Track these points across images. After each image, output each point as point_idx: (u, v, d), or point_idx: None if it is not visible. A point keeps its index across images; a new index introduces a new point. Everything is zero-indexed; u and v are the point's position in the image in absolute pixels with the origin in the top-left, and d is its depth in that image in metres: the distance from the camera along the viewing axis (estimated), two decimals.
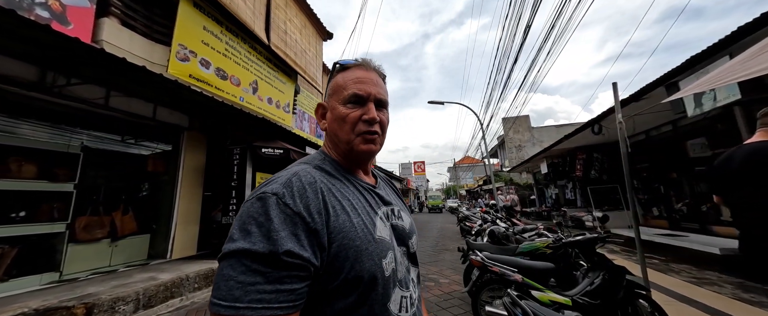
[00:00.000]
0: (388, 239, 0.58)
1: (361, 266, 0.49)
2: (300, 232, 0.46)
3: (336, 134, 0.63)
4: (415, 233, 0.72)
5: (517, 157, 20.85)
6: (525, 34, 6.07)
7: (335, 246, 0.49)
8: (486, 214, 6.42)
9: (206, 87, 4.41)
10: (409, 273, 0.64)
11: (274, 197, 0.48)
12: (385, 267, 0.53)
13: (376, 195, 0.65)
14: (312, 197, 0.50)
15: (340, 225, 0.51)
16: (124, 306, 2.85)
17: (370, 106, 0.61)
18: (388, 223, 0.63)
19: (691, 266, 4.37)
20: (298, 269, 0.44)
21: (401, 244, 0.65)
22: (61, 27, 2.86)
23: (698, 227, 5.44)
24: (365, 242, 0.52)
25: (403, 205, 0.76)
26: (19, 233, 3.03)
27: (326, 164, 0.63)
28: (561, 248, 2.67)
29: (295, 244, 0.44)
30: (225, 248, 0.44)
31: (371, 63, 0.67)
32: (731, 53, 2.97)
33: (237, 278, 0.41)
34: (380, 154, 6.82)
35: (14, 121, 3.08)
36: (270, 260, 0.42)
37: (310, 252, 0.46)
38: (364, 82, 0.62)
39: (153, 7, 4.16)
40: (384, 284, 0.53)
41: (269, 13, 6.06)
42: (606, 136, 6.24)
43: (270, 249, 0.42)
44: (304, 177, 0.53)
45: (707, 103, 3.23)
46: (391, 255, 0.56)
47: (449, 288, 3.86)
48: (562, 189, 11.73)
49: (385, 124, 0.64)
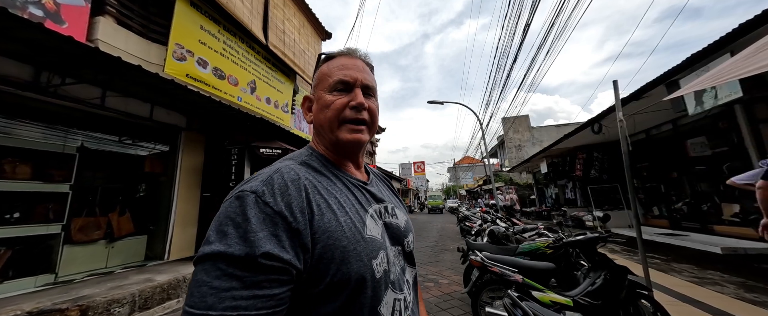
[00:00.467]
0: (379, 238, 0.55)
1: (347, 267, 0.46)
2: (281, 232, 0.43)
3: (321, 125, 0.60)
4: (411, 231, 0.69)
5: (516, 157, 20.84)
6: (524, 33, 6.05)
7: (320, 247, 0.46)
8: (486, 214, 6.39)
9: (204, 87, 4.37)
10: (404, 274, 0.61)
11: (252, 195, 0.45)
12: (375, 268, 0.50)
13: (367, 192, 0.62)
14: (294, 195, 0.47)
15: (325, 224, 0.48)
16: (120, 308, 2.82)
17: (357, 91, 0.58)
18: (381, 221, 0.59)
19: (692, 265, 4.34)
20: (277, 273, 0.41)
21: (396, 243, 0.61)
22: (55, 26, 2.83)
23: (699, 226, 5.42)
24: (353, 242, 0.49)
25: (399, 202, 0.73)
26: (13, 234, 2.99)
27: (313, 159, 0.60)
28: (562, 248, 2.64)
29: (274, 245, 0.41)
30: (200, 251, 0.41)
31: (357, 51, 0.65)
32: (733, 51, 2.94)
33: (211, 283, 0.38)
34: (380, 154, 6.67)
35: (8, 121, 3.04)
36: (247, 264, 0.39)
37: (292, 254, 0.42)
38: (350, 69, 0.59)
39: (149, 6, 4.13)
40: (374, 286, 0.50)
41: (267, 12, 6.02)
42: (606, 136, 6.21)
43: (246, 252, 0.39)
44: (286, 174, 0.50)
45: (708, 102, 3.20)
46: (382, 255, 0.53)
47: (449, 289, 3.83)
48: (562, 189, 11.70)
49: (375, 113, 0.61)
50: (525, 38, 6.13)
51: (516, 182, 20.82)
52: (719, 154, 4.95)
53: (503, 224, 4.71)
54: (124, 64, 2.73)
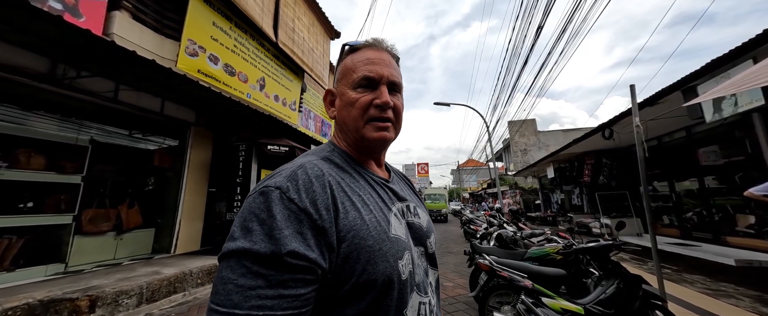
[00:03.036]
0: (404, 238, 0.53)
1: (374, 268, 0.44)
2: (306, 230, 0.41)
3: (345, 122, 0.58)
4: (433, 231, 0.66)
5: (522, 161, 20.64)
6: (536, 35, 5.98)
7: (345, 246, 0.44)
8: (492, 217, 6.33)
9: (214, 83, 4.40)
10: (427, 276, 0.59)
11: (277, 191, 0.43)
12: (401, 269, 0.48)
13: (390, 190, 0.60)
14: (319, 192, 0.45)
15: (350, 223, 0.46)
16: (128, 300, 2.84)
17: (383, 89, 0.55)
18: (404, 220, 0.57)
19: (705, 276, 4.23)
20: (303, 272, 0.39)
21: (418, 243, 0.59)
22: (73, 19, 2.86)
23: (711, 236, 5.29)
24: (379, 242, 0.47)
25: (420, 201, 0.70)
26: (26, 223, 3.04)
27: (335, 155, 0.58)
28: (572, 255, 2.59)
29: (300, 243, 0.39)
30: (225, 248, 0.40)
31: (383, 42, 0.61)
32: (755, 57, 2.86)
33: (236, 281, 0.37)
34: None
35: (25, 112, 3.10)
36: (272, 262, 0.38)
37: (318, 253, 0.41)
38: (376, 64, 0.56)
39: (164, 2, 4.17)
40: (400, 288, 0.47)
41: (278, 10, 6.05)
42: (616, 142, 6.10)
43: (272, 249, 0.38)
44: (310, 170, 0.48)
45: (727, 109, 3.11)
46: (407, 256, 0.51)
47: (454, 292, 3.79)
48: (569, 194, 11.54)
49: (400, 110, 0.58)
50: (537, 40, 6.06)
51: (521, 186, 20.63)
52: (733, 163, 4.82)
53: (511, 228, 4.66)
54: (138, 59, 2.76)
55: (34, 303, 2.31)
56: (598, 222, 7.70)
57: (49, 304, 2.37)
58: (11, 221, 2.94)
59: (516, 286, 2.24)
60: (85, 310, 2.52)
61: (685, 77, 3.39)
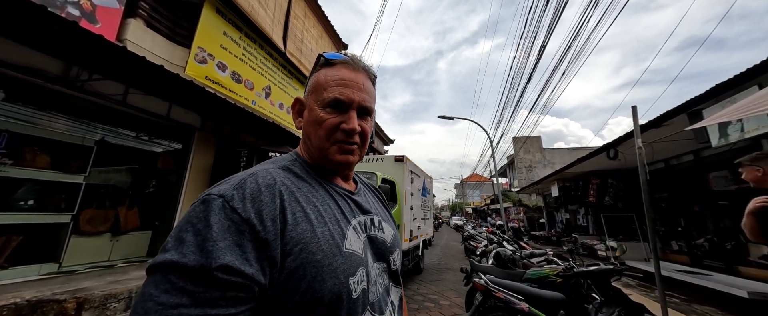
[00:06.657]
0: (360, 253, 0.50)
1: (321, 285, 0.42)
2: (246, 242, 0.39)
3: (310, 138, 0.57)
4: (398, 247, 0.64)
5: (526, 177, 20.40)
6: (540, 54, 6.03)
7: (290, 260, 0.41)
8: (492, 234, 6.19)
9: (221, 89, 4.50)
10: (388, 295, 0.56)
11: (220, 199, 0.41)
12: (352, 287, 0.46)
13: (353, 202, 0.57)
14: (267, 201, 0.43)
15: (298, 235, 0.43)
16: (116, 303, 2.80)
17: (352, 115, 0.54)
18: (364, 234, 0.55)
19: (715, 308, 4.02)
20: (236, 289, 0.36)
21: (380, 260, 0.56)
22: (89, 25, 2.99)
23: (723, 265, 5.07)
24: (328, 256, 0.44)
25: (388, 215, 0.68)
26: (26, 221, 3.06)
27: (296, 165, 0.56)
28: (573, 278, 2.49)
29: (236, 257, 0.37)
30: (153, 260, 0.37)
31: (360, 61, 0.59)
32: (761, 83, 2.82)
33: (158, 297, 0.34)
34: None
35: (36, 111, 3.18)
36: (201, 277, 0.35)
37: (256, 267, 0.38)
38: (349, 87, 0.54)
39: (178, 11, 4.34)
40: (349, 307, 0.45)
41: (288, 22, 6.25)
42: (622, 162, 6.00)
43: (201, 263, 0.35)
44: (262, 178, 0.46)
45: (733, 134, 3.05)
46: (361, 272, 0.49)
47: (450, 311, 3.66)
48: (574, 214, 11.29)
49: (367, 134, 0.57)
50: (540, 59, 6.11)
51: (525, 203, 20.27)
52: (743, 190, 4.68)
53: (510, 246, 4.54)
54: (147, 64, 2.84)
55: (21, 303, 2.29)
56: (603, 245, 7.47)
57: (36, 304, 2.35)
58: (12, 218, 2.96)
59: (512, 309, 2.15)
60: (71, 312, 2.49)
61: (690, 101, 3.35)
